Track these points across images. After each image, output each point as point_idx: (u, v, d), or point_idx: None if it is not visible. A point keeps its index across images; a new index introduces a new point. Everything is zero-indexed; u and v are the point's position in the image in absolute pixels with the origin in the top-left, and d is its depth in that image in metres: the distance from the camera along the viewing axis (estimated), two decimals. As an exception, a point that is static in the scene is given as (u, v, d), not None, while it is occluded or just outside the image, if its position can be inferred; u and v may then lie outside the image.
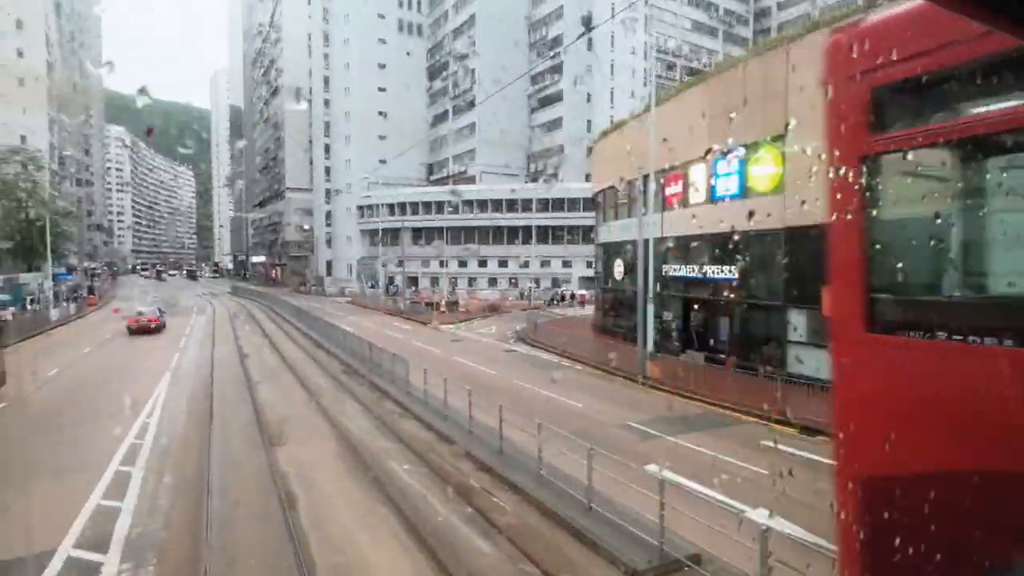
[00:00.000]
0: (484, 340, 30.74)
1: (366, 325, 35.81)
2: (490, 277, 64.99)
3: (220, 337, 29.70)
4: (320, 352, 25.44)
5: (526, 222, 62.88)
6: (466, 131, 68.95)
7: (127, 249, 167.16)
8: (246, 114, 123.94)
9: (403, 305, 43.66)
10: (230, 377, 19.63)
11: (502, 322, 38.92)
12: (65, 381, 19.65)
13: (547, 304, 51.03)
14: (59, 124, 61.30)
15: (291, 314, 40.77)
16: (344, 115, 73.65)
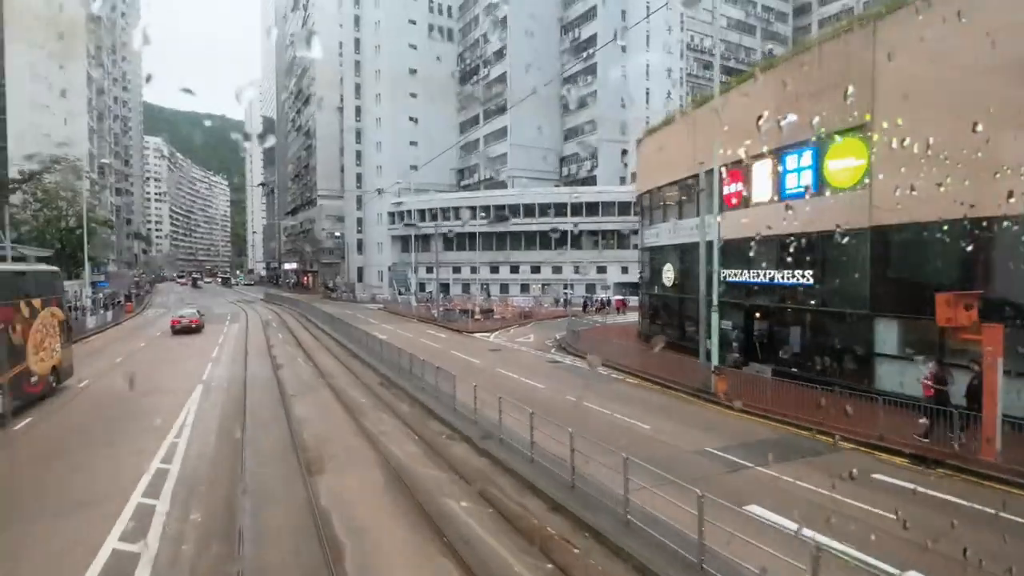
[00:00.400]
0: (524, 350, 29.14)
1: (401, 333, 34.59)
2: (522, 283, 63.47)
3: (253, 346, 28.74)
4: (355, 362, 24.16)
5: (559, 227, 61.21)
6: (497, 135, 67.72)
7: (164, 257, 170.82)
8: (278, 124, 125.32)
9: (437, 312, 42.36)
10: (263, 391, 18.41)
11: (539, 330, 37.28)
12: (95, 393, 18.84)
13: (583, 310, 49.22)
14: (98, 134, 62.05)
15: (324, 321, 39.84)
16: (375, 121, 73.27)
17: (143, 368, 23.59)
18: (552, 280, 62.85)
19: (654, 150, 29.76)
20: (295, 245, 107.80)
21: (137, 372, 22.40)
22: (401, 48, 70.97)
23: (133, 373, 22.03)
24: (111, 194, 74.56)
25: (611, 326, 38.20)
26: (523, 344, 31.20)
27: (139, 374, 21.63)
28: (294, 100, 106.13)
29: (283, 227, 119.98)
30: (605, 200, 59.77)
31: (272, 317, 48.23)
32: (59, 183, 50.54)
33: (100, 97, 62.55)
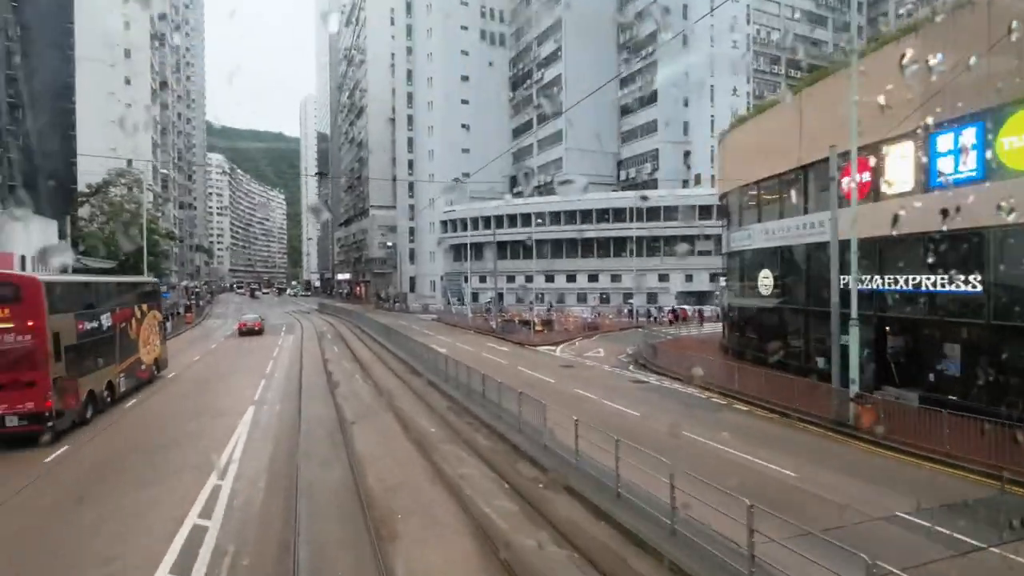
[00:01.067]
0: (598, 366, 26.15)
1: (460, 347, 32.20)
2: (579, 292, 60.39)
3: (308, 360, 26.89)
4: (417, 380, 21.77)
5: (618, 233, 57.96)
6: (552, 140, 65.15)
7: (225, 269, 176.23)
8: (332, 138, 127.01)
9: (495, 324, 39.86)
10: (320, 417, 16.15)
11: (608, 343, 34.18)
12: (136, 418, 17.34)
13: (649, 320, 45.75)
14: (162, 148, 63.06)
15: (378, 332, 37.99)
16: (427, 129, 72.05)
17: (191, 391, 21.92)
18: (611, 289, 59.55)
19: (744, 143, 26.39)
20: (347, 256, 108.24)
21: (185, 396, 20.70)
22: (453, 55, 69.61)
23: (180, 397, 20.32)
24: (174, 207, 76.04)
25: (687, 339, 34.74)
26: (595, 359, 28.22)
27: (186, 399, 19.88)
28: (347, 113, 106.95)
29: (336, 238, 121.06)
30: (668, 204, 56.18)
31: (327, 328, 46.90)
32: (124, 196, 51.06)
33: (164, 112, 63.74)
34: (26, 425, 13.45)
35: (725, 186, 29.37)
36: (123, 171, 51.74)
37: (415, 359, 25.45)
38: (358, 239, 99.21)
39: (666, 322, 41.00)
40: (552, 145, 65.42)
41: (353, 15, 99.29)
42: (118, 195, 50.86)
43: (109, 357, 17.88)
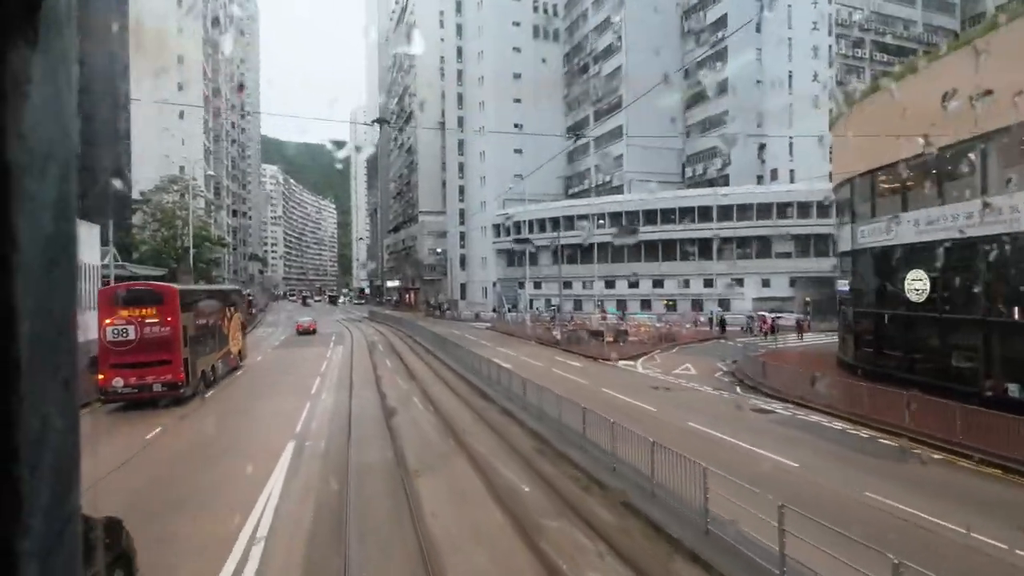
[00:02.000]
0: (698, 387, 21.71)
1: (526, 360, 28.32)
2: (643, 298, 55.65)
3: (359, 379, 23.53)
4: (489, 408, 17.94)
5: (685, 234, 53.00)
6: (611, 136, 60.79)
7: (279, 276, 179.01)
8: (381, 145, 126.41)
9: (560, 334, 35.79)
10: (375, 461, 12.51)
11: (694, 357, 29.57)
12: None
13: (719, 328, 40.74)
14: (215, 155, 62.19)
15: (433, 343, 34.57)
16: (479, 130, 68.88)
17: (223, 419, 18.86)
18: (678, 295, 54.57)
19: (878, 117, 21.49)
20: (397, 263, 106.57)
21: (215, 426, 17.62)
22: (505, 52, 66.34)
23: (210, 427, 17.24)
24: (228, 215, 75.59)
25: (788, 353, 29.74)
26: (688, 378, 23.76)
27: (216, 430, 16.76)
28: (395, 119, 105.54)
29: (385, 245, 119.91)
30: (742, 202, 50.91)
31: (377, 338, 43.95)
32: (175, 203, 49.87)
33: (216, 119, 63.03)
34: (165, 391, 18.43)
35: (842, 174, 24.47)
36: (175, 178, 50.62)
37: (480, 378, 21.69)
38: (407, 245, 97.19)
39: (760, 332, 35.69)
40: (611, 142, 61.06)
41: (402, 19, 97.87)
42: (170, 202, 49.68)
43: (212, 346, 22.64)
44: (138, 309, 18.55)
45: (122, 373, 18.03)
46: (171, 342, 18.49)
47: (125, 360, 18.01)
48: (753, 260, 52.46)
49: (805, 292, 51.68)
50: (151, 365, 18.21)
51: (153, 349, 18.15)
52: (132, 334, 18.12)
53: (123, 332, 18.18)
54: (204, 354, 21.22)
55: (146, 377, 18.23)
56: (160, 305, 18.70)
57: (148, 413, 17.57)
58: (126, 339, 18.10)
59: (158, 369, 18.31)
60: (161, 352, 18.29)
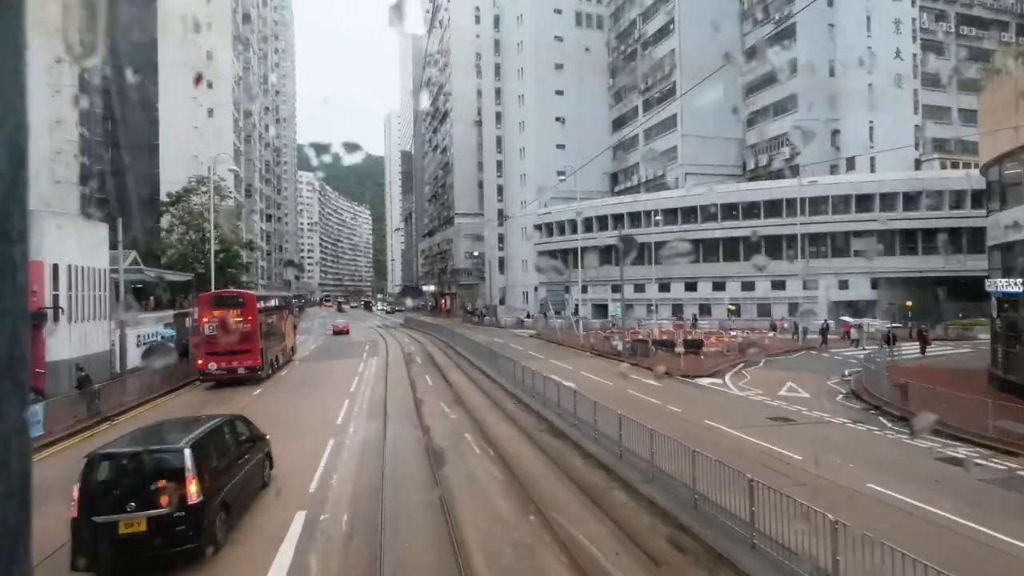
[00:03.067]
0: (828, 418, 16.61)
1: (588, 376, 23.65)
2: (701, 302, 50.19)
3: (395, 405, 19.18)
4: (571, 453, 13.27)
5: (749, 232, 47.37)
6: (664, 127, 55.63)
7: (315, 283, 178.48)
8: (415, 149, 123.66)
9: (622, 345, 30.86)
10: (419, 549, 8.01)
11: (792, 373, 24.33)
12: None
13: (798, 337, 35.11)
14: (245, 156, 59.51)
15: (476, 355, 30.20)
16: (518, 126, 64.67)
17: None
18: (741, 299, 48.91)
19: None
20: (432, 267, 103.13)
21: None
22: (546, 41, 61.95)
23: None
24: (261, 219, 73.20)
25: (916, 367, 24.15)
26: (799, 402, 18.67)
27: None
28: (430, 120, 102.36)
29: (420, 250, 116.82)
30: (813, 195, 45.05)
31: (414, 347, 39.86)
32: (204, 204, 46.99)
33: (248, 120, 60.50)
34: (247, 373, 23.11)
35: (996, 147, 19.00)
36: (204, 178, 47.74)
37: (543, 403, 17.07)
38: (443, 249, 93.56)
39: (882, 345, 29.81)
40: (663, 134, 55.93)
41: (437, 17, 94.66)
42: (198, 203, 46.82)
43: (276, 341, 27.02)
44: (227, 310, 23.47)
45: (215, 359, 23.03)
46: (252, 335, 23.28)
47: (218, 348, 22.96)
48: (828, 260, 46.50)
49: (891, 295, 45.48)
50: (237, 353, 22.92)
51: (239, 341, 22.83)
52: (223, 329, 22.83)
53: (213, 327, 23.11)
54: (272, 346, 26.13)
55: (232, 362, 22.95)
56: (243, 307, 23.87)
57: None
58: (215, 333, 23.10)
59: (242, 356, 23.02)
60: (244, 343, 23.03)
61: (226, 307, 23.82)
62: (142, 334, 31.20)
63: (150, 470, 7.76)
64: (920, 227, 43.25)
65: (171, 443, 8.23)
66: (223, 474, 8.64)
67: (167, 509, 7.40)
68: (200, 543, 7.64)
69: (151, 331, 31.85)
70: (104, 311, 26.29)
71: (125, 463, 7.98)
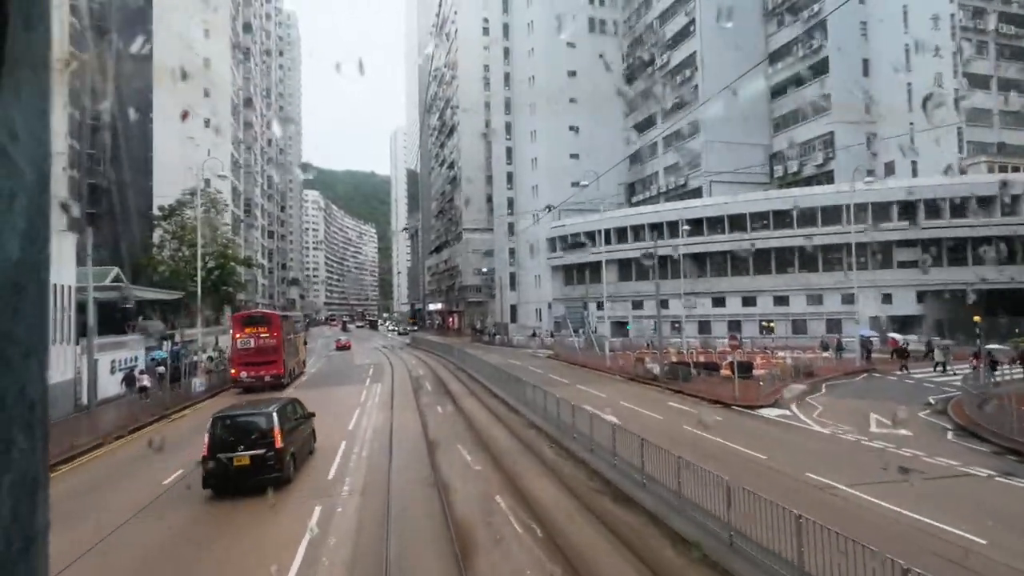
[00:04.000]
0: (956, 465, 12.78)
1: (628, 408, 19.94)
2: (730, 319, 46.36)
3: (402, 445, 15.48)
4: (638, 527, 9.51)
5: (783, 242, 43.73)
6: (684, 135, 52.38)
7: (320, 302, 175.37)
8: (422, 164, 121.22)
9: (659, 368, 26.99)
10: None
11: (866, 401, 20.52)
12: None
13: (865, 357, 31.16)
14: (245, 169, 56.58)
15: (491, 379, 26.54)
16: (529, 135, 61.64)
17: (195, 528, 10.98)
18: (773, 315, 45.05)
19: None
20: (439, 285, 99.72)
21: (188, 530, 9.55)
22: (558, 48, 59.19)
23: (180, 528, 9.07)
24: (263, 236, 70.11)
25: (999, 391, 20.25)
26: (905, 441, 14.85)
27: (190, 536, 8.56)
28: (437, 135, 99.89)
29: (426, 267, 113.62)
30: (857, 201, 41.44)
31: (423, 371, 36.17)
32: (198, 218, 43.86)
33: (248, 131, 57.73)
34: (272, 381, 26.26)
35: None
36: (197, 190, 44.70)
37: (593, 453, 13.27)
38: (450, 266, 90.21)
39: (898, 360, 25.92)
40: (684, 140, 52.65)
41: (444, 30, 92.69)
42: (192, 217, 43.65)
43: (293, 353, 31.12)
44: (256, 328, 26.89)
45: (246, 369, 26.32)
46: (277, 349, 26.68)
47: (249, 360, 26.33)
48: (871, 272, 42.66)
49: (938, 309, 41.56)
50: (264, 364, 26.22)
51: (265, 353, 26.29)
52: (252, 344, 26.44)
53: (247, 343, 26.52)
54: (291, 359, 29.57)
55: (261, 371, 26.10)
56: (270, 324, 27.41)
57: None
58: (249, 347, 26.49)
59: (268, 366, 26.27)
60: (271, 355, 26.42)
61: (256, 325, 27.51)
62: (119, 359, 27.72)
63: (252, 425, 11.69)
64: (970, 235, 39.53)
65: (264, 409, 12.23)
66: (291, 433, 12.32)
67: (262, 451, 11.20)
68: (281, 475, 11.47)
69: (131, 355, 28.34)
70: (68, 334, 22.90)
71: (237, 420, 11.94)
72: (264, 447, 11.23)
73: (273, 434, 11.36)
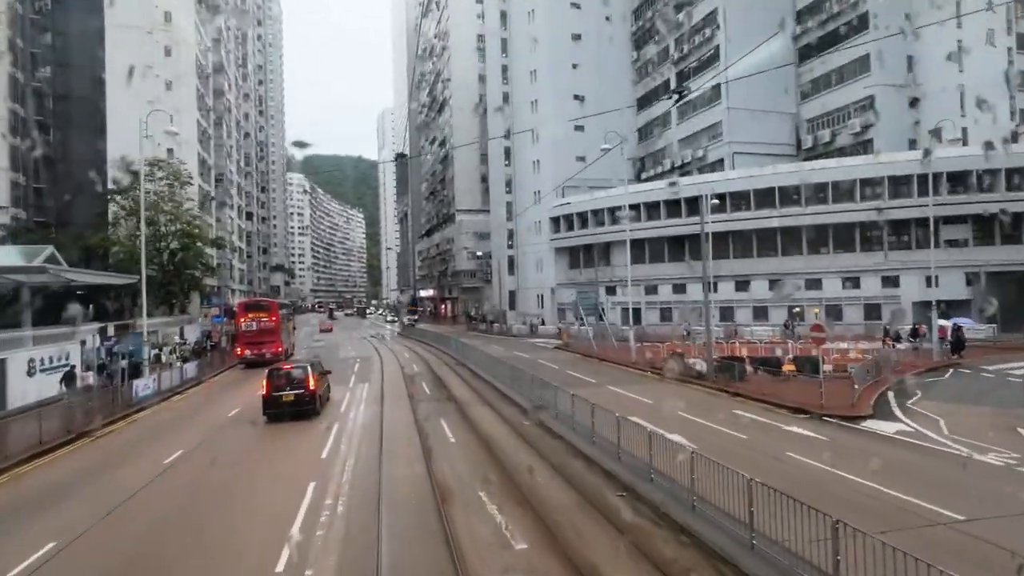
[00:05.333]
0: None
1: (688, 420, 15.19)
2: (756, 304, 41.78)
3: (396, 503, 10.46)
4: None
5: (818, 219, 39.11)
6: (702, 102, 47.32)
7: (307, 288, 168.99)
8: (411, 146, 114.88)
9: (704, 366, 22.17)
10: None
11: (983, 404, 15.94)
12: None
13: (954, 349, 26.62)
14: (216, 141, 50.60)
15: (500, 377, 21.80)
16: (529, 105, 56.21)
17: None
18: (806, 300, 40.51)
19: None
20: (430, 270, 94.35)
21: None
22: (561, 10, 53.65)
23: None
24: (241, 217, 64.17)
25: None
26: None
27: None
28: (427, 112, 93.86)
29: (417, 252, 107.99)
30: (895, 174, 36.82)
31: (418, 367, 31.16)
32: (158, 193, 38.18)
33: (220, 100, 51.68)
34: (273, 357, 29.06)
35: None
36: (159, 161, 38.97)
37: (712, 526, 8.45)
38: (443, 250, 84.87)
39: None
40: (702, 109, 47.62)
41: (433, 2, 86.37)
42: (152, 192, 37.93)
43: (288, 334, 35.45)
44: (258, 313, 32.47)
45: (250, 347, 31.38)
46: (276, 330, 31.92)
47: (252, 340, 31.47)
48: (911, 251, 38.21)
49: (988, 292, 37.23)
50: (266, 343, 31.26)
51: (267, 335, 31.52)
52: (255, 326, 31.72)
53: (251, 326, 31.83)
54: (287, 339, 34.56)
55: (262, 349, 30.91)
56: (269, 310, 33.09)
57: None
58: (252, 329, 31.77)
59: (269, 345, 31.20)
60: (271, 335, 31.61)
61: (258, 311, 32.53)
62: (46, 356, 22.38)
63: (294, 374, 17.01)
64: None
65: (302, 363, 18.06)
66: (319, 380, 17.81)
67: (301, 391, 16.64)
68: (314, 407, 17.10)
69: (59, 352, 22.97)
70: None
71: (284, 372, 17.25)
72: (302, 388, 16.65)
73: (308, 380, 16.81)
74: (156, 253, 37.91)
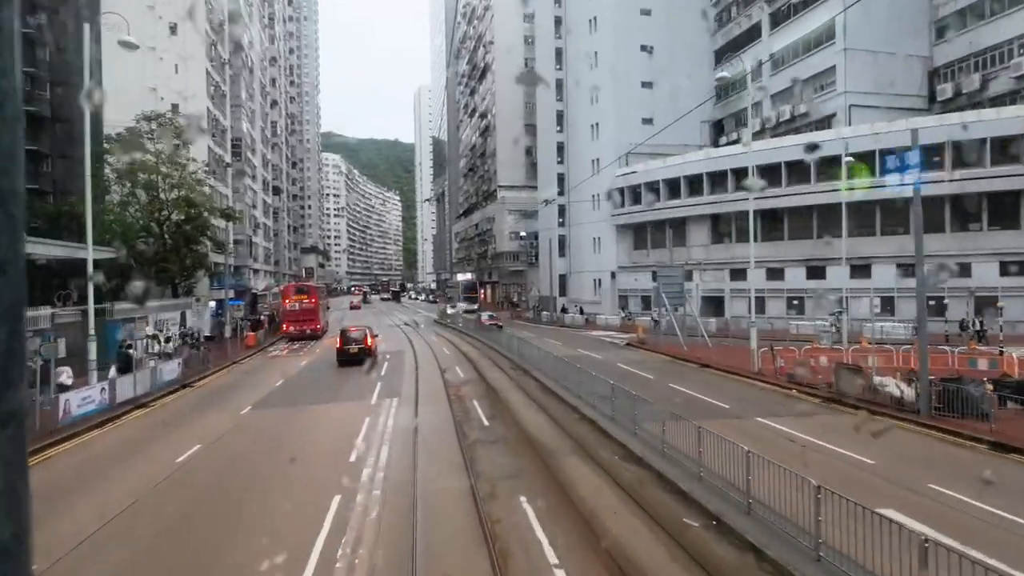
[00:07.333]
0: None
1: (968, 519, 7.27)
2: (853, 293, 32.84)
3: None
4: None
5: (964, 187, 29.99)
6: (806, 46, 38.24)
7: (343, 271, 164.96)
8: (449, 115, 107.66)
9: (900, 388, 14.25)
10: None
11: None
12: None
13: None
14: (232, 100, 44.14)
15: (583, 394, 14.38)
16: (587, 59, 47.78)
17: None
18: (903, 292, 31.36)
19: None
20: (468, 252, 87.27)
21: None
22: (627, -57, 44.93)
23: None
24: (265, 190, 58.15)
25: None
26: None
27: None
28: (467, 81, 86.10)
29: (454, 233, 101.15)
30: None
31: (462, 371, 23.95)
32: (160, 153, 31.88)
33: (238, 55, 45.18)
34: (312, 334, 35.43)
35: None
36: (158, 115, 32.66)
37: None
38: (482, 231, 77.54)
39: None
40: (807, 55, 38.49)
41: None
42: (150, 153, 31.68)
43: (324, 314, 40.55)
44: (300, 296, 37.11)
45: (295, 324, 35.73)
46: (316, 311, 36.68)
47: (296, 319, 35.85)
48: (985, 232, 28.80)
49: None
50: (307, 321, 35.84)
51: (308, 314, 36.07)
52: (298, 307, 36.18)
53: (295, 306, 36.28)
54: (323, 318, 39.65)
55: (303, 326, 35.55)
56: (309, 293, 37.66)
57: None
58: (296, 309, 36.12)
59: (310, 323, 35.90)
60: (312, 315, 36.21)
61: (301, 294, 37.68)
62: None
63: (357, 334, 25.05)
64: None
65: (363, 327, 26.13)
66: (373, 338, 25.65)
67: (363, 346, 24.58)
68: (371, 358, 24.55)
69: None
70: None
71: (351, 333, 25.10)
72: (363, 344, 24.55)
73: (367, 338, 24.87)
74: (157, 223, 31.80)
